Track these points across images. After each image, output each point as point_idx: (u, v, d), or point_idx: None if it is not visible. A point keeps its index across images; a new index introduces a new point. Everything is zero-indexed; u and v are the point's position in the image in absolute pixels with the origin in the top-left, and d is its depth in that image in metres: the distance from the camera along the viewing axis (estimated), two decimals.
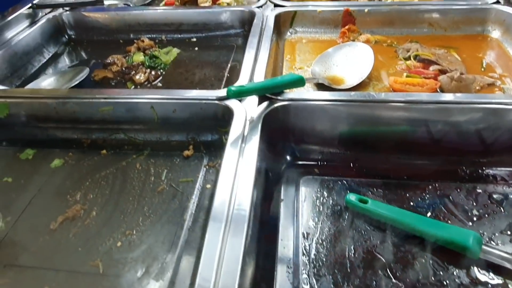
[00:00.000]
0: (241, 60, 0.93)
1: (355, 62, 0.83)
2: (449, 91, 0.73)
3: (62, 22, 1.07)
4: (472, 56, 0.87)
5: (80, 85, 0.85)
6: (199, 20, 1.04)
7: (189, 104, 0.69)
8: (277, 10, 0.98)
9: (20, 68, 0.94)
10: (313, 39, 0.99)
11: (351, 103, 0.65)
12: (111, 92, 0.73)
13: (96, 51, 1.04)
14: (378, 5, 1.00)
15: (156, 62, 0.92)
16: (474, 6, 0.95)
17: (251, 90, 0.62)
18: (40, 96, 0.74)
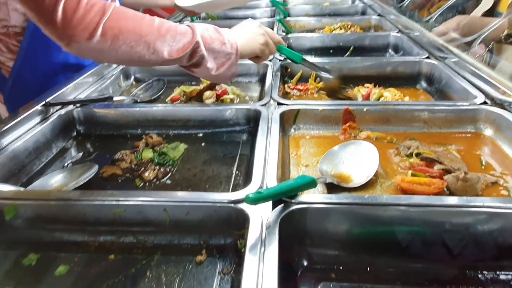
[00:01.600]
0: (248, 156, 0.96)
1: (360, 160, 0.86)
2: (456, 190, 0.75)
3: (73, 118, 1.10)
4: (470, 154, 0.92)
5: (89, 183, 0.86)
6: (206, 117, 1.09)
7: (203, 207, 0.69)
8: (281, 109, 1.04)
9: (27, 164, 0.95)
10: (316, 135, 1.04)
11: (366, 206, 0.65)
12: (123, 193, 0.73)
13: (104, 145, 1.07)
14: (375, 104, 1.07)
15: (165, 159, 0.94)
16: (463, 107, 1.02)
17: (268, 196, 0.63)
18: (50, 198, 0.74)
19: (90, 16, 0.77)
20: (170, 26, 0.88)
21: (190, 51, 0.89)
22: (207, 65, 0.93)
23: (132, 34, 0.82)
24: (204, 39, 0.91)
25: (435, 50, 1.41)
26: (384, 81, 1.36)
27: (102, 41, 0.79)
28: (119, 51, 0.82)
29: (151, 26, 0.85)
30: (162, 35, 0.85)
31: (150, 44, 0.84)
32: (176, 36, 0.87)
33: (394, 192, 0.79)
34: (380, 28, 2.02)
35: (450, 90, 1.21)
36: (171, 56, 0.88)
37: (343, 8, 2.53)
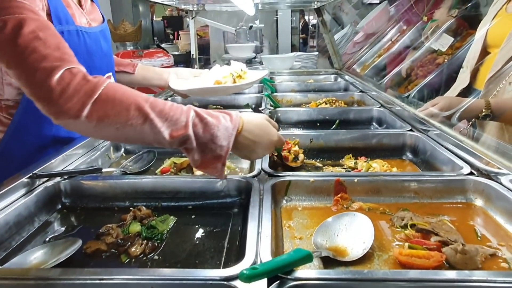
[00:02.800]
0: (240, 228, 0.93)
1: (356, 232, 0.84)
2: (456, 263, 0.73)
3: (59, 190, 1.07)
4: (463, 225, 0.91)
5: (71, 259, 0.80)
6: (196, 188, 1.07)
7: (193, 285, 0.64)
8: (272, 180, 1.04)
9: (6, 240, 0.89)
10: (308, 207, 1.02)
11: (367, 282, 0.62)
12: (107, 271, 0.68)
13: (89, 218, 1.02)
14: (365, 175, 1.09)
15: (153, 233, 0.90)
16: (450, 177, 1.04)
17: (265, 273, 0.59)
18: (27, 277, 0.68)
19: (78, 96, 0.78)
20: (161, 111, 0.82)
21: (178, 141, 0.83)
22: (194, 157, 0.86)
23: (118, 118, 0.80)
24: (196, 133, 0.84)
25: (417, 123, 1.48)
26: (370, 152, 1.40)
27: (87, 121, 0.79)
28: (104, 131, 0.82)
29: (140, 110, 0.81)
30: (150, 121, 0.81)
31: (137, 128, 0.80)
32: (165, 123, 0.82)
33: (393, 266, 0.77)
34: (363, 103, 2.13)
35: (436, 161, 1.24)
36: (158, 141, 0.83)
37: (326, 84, 2.68)
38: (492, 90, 1.48)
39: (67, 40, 1.16)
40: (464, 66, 1.74)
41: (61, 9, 1.16)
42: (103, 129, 0.81)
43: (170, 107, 0.85)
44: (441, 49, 2.06)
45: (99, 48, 1.33)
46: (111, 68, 1.43)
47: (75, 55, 1.16)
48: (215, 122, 0.86)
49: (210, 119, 0.86)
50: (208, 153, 0.86)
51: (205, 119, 0.86)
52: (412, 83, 2.18)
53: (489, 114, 1.37)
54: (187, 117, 0.84)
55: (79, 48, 1.21)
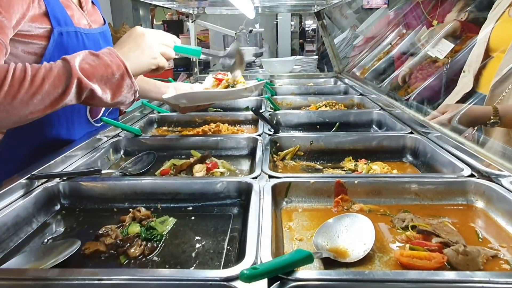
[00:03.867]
0: (240, 230, 0.93)
1: (356, 234, 0.84)
2: (457, 264, 0.73)
3: (58, 191, 1.07)
4: (464, 226, 0.91)
5: (69, 260, 0.80)
6: (196, 190, 1.07)
7: (193, 285, 0.64)
8: (273, 182, 1.03)
9: (4, 241, 0.88)
10: (308, 208, 1.02)
11: (368, 283, 0.62)
12: (106, 272, 0.68)
13: (88, 220, 1.01)
14: (366, 177, 1.08)
15: (152, 234, 0.89)
16: (451, 179, 1.04)
17: (265, 273, 0.59)
18: (25, 277, 0.67)
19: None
20: (45, 75, 0.86)
21: (74, 90, 0.87)
22: (100, 95, 0.90)
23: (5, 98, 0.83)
24: (85, 70, 0.88)
25: (417, 126, 1.48)
26: (371, 155, 1.39)
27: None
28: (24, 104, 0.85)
29: (23, 82, 0.84)
30: (36, 88, 0.85)
31: (28, 103, 0.85)
32: (54, 82, 0.86)
33: (394, 267, 0.76)
34: (363, 106, 2.13)
35: (436, 163, 1.24)
36: (58, 103, 0.87)
37: (326, 87, 2.69)
38: (497, 95, 1.47)
39: (65, 41, 1.17)
40: (466, 70, 1.74)
41: (59, 10, 1.16)
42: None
43: (48, 68, 0.89)
44: (438, 56, 2.04)
45: (99, 50, 1.32)
46: None
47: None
48: (92, 54, 0.94)
49: (86, 53, 0.94)
50: (110, 79, 0.91)
51: (84, 56, 0.93)
52: (412, 86, 2.17)
53: (498, 121, 1.36)
54: (69, 62, 0.89)
55: (78, 49, 1.21)
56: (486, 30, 1.66)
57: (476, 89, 1.65)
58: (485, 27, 1.69)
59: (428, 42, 2.24)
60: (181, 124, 1.86)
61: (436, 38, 2.18)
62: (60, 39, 1.14)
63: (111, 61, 0.93)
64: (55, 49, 1.14)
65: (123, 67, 0.93)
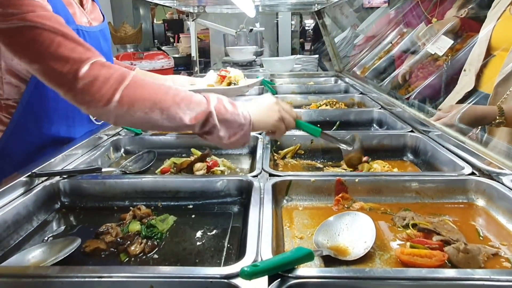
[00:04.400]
0: (241, 228, 0.93)
1: (357, 232, 0.84)
2: (458, 262, 0.73)
3: (58, 189, 1.07)
4: (465, 224, 0.90)
5: (69, 258, 0.80)
6: (196, 188, 1.07)
7: (193, 283, 0.64)
8: (273, 180, 1.03)
9: (4, 239, 0.88)
10: (309, 207, 1.02)
11: (369, 280, 0.62)
12: (106, 269, 0.68)
13: (89, 218, 1.02)
14: (367, 175, 1.08)
15: (153, 232, 0.89)
16: (452, 177, 1.03)
17: (266, 270, 0.59)
18: (25, 275, 0.67)
19: (109, 84, 0.83)
20: (185, 95, 0.91)
21: (202, 120, 0.91)
22: (219, 134, 0.93)
23: (147, 101, 0.86)
24: (218, 110, 0.93)
25: (418, 125, 1.47)
26: (371, 153, 1.39)
27: (118, 107, 0.84)
28: (134, 116, 0.86)
29: (166, 94, 0.88)
30: (177, 103, 0.88)
31: (164, 111, 0.87)
32: (190, 105, 0.90)
33: (394, 265, 0.76)
34: (363, 104, 2.12)
35: (437, 161, 1.24)
36: (184, 123, 0.90)
37: (326, 86, 2.68)
38: (501, 94, 1.46)
39: None
40: (467, 69, 1.73)
41: (61, 8, 1.16)
42: (133, 115, 0.85)
43: (190, 93, 0.93)
44: (438, 53, 2.03)
45: (99, 47, 1.32)
46: None
47: None
48: (229, 101, 0.97)
49: (225, 99, 0.97)
50: (233, 125, 0.94)
51: (222, 98, 0.96)
52: (413, 85, 2.17)
53: (503, 121, 1.36)
54: (207, 98, 0.93)
55: None
56: (487, 29, 1.65)
57: (477, 88, 1.65)
58: (486, 25, 1.68)
59: (427, 40, 2.22)
60: None
61: (435, 34, 2.17)
62: None
63: (242, 113, 0.97)
64: None
65: (248, 120, 0.97)
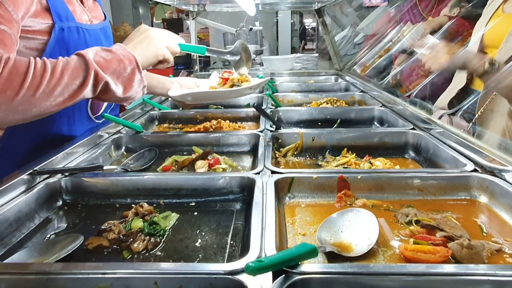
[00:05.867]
0: (243, 225, 0.93)
1: (360, 228, 0.84)
2: (462, 258, 0.72)
3: (60, 187, 1.06)
4: (468, 221, 0.90)
5: (72, 255, 0.79)
6: (198, 185, 1.06)
7: (197, 279, 0.63)
8: (275, 177, 1.03)
9: (6, 236, 0.88)
10: (311, 204, 1.02)
11: (373, 276, 0.62)
12: (109, 265, 0.67)
13: (91, 215, 1.01)
14: (369, 172, 1.08)
15: (155, 229, 0.89)
16: (454, 174, 1.03)
17: (270, 265, 0.59)
18: (28, 271, 0.67)
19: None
20: (63, 68, 0.90)
21: (91, 81, 0.91)
22: (113, 89, 0.93)
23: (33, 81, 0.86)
24: (100, 64, 0.92)
25: (419, 122, 1.47)
26: (373, 151, 1.39)
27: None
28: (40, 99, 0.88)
29: (44, 74, 0.88)
30: (57, 80, 0.88)
31: (50, 95, 0.88)
32: (72, 73, 0.90)
33: (398, 261, 0.76)
34: (364, 103, 2.12)
35: (439, 159, 1.23)
36: (73, 99, 0.91)
37: (327, 85, 2.68)
38: (491, 91, 1.47)
39: (67, 37, 1.16)
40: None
41: (60, 5, 1.15)
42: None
43: (65, 61, 0.93)
44: (424, 52, 2.01)
45: (100, 45, 1.32)
46: None
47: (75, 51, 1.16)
48: (105, 50, 0.98)
49: (99, 49, 0.98)
50: (122, 73, 0.96)
51: (97, 51, 0.97)
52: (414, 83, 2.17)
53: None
54: (84, 56, 0.93)
55: (79, 45, 1.21)
56: (480, 26, 1.65)
57: (471, 86, 1.65)
58: (480, 23, 1.68)
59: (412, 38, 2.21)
60: (182, 121, 1.86)
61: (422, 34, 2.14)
62: (61, 35, 1.14)
63: (123, 56, 0.97)
64: (56, 44, 1.13)
65: (134, 62, 0.98)
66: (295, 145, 1.42)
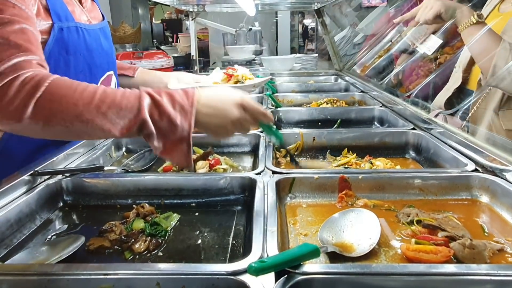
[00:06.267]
0: (245, 225, 0.93)
1: (362, 228, 0.84)
2: (464, 258, 0.72)
3: (60, 188, 1.06)
4: (469, 221, 0.90)
5: (73, 256, 0.79)
6: (199, 186, 1.06)
7: (200, 279, 0.63)
8: (276, 177, 1.03)
9: (7, 237, 0.88)
10: (312, 204, 1.02)
11: (376, 276, 0.62)
12: (111, 266, 0.67)
13: (92, 216, 1.01)
14: (370, 172, 1.08)
15: (157, 229, 0.89)
16: (455, 174, 1.03)
17: (273, 265, 0.59)
18: (30, 272, 0.67)
19: (20, 96, 0.75)
20: (113, 102, 0.78)
21: (135, 129, 0.79)
22: (155, 144, 0.81)
23: (66, 114, 0.76)
24: (152, 117, 0.79)
25: (420, 122, 1.47)
26: (373, 151, 1.39)
27: (33, 123, 0.75)
28: (53, 130, 0.78)
29: (89, 104, 0.77)
30: (103, 113, 0.77)
31: (88, 123, 0.76)
32: (120, 112, 0.78)
33: (400, 261, 0.76)
34: (364, 103, 2.13)
35: (439, 159, 1.24)
36: (114, 134, 0.79)
37: (327, 85, 2.68)
38: (484, 89, 1.48)
39: (66, 37, 1.16)
40: (457, 66, 1.74)
41: (60, 5, 1.15)
42: (51, 129, 0.78)
43: (122, 95, 0.80)
44: (427, 52, 2.02)
45: (99, 45, 1.32)
46: (112, 66, 1.42)
47: (75, 52, 1.13)
48: (170, 102, 0.81)
49: (165, 100, 0.81)
50: (169, 136, 0.81)
51: (160, 101, 0.81)
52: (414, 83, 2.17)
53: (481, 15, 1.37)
54: (141, 103, 0.79)
55: (79, 45, 1.21)
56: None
57: (466, 86, 1.66)
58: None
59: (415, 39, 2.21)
60: None
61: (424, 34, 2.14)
62: (61, 35, 1.14)
63: (181, 122, 0.81)
64: (55, 44, 1.13)
65: (186, 135, 0.82)
66: (295, 145, 1.42)
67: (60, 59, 1.14)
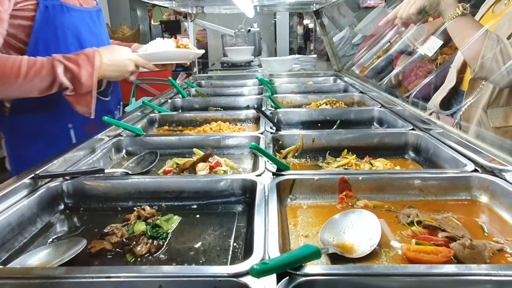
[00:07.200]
0: (246, 227, 0.93)
1: (362, 230, 0.84)
2: (464, 258, 0.73)
3: (61, 191, 1.06)
4: (469, 221, 0.91)
5: (75, 259, 0.79)
6: (200, 188, 1.07)
7: (202, 282, 0.64)
8: (277, 179, 1.03)
9: (8, 241, 0.88)
10: (313, 205, 1.02)
11: (378, 277, 0.62)
12: (114, 269, 0.68)
13: (93, 219, 1.01)
14: (370, 173, 1.08)
15: (158, 232, 0.89)
16: (455, 174, 1.04)
17: (275, 267, 0.59)
18: (32, 276, 0.67)
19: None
20: (36, 72, 1.19)
21: (56, 88, 1.24)
22: (67, 93, 1.30)
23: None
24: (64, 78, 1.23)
25: (419, 123, 1.48)
26: (373, 151, 1.40)
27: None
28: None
29: (17, 77, 1.17)
30: (30, 81, 1.19)
31: (20, 92, 1.21)
32: (42, 79, 1.20)
33: (400, 262, 0.76)
34: (363, 103, 2.13)
35: (439, 159, 1.24)
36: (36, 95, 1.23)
37: (326, 86, 2.69)
38: (475, 88, 1.49)
39: (52, 13, 1.27)
40: (452, 66, 1.75)
41: None
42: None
43: (41, 65, 1.21)
44: (427, 53, 2.02)
45: (86, 26, 1.41)
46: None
47: (62, 27, 1.30)
48: (77, 67, 1.26)
49: (74, 66, 1.26)
50: (78, 91, 1.29)
51: (70, 67, 1.25)
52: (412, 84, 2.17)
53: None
54: (56, 70, 1.22)
55: (65, 20, 1.32)
56: None
57: (460, 87, 1.67)
58: None
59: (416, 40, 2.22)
60: (182, 123, 1.86)
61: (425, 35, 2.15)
62: (46, 13, 1.25)
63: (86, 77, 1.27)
64: (43, 23, 1.25)
65: (90, 89, 1.31)
66: (295, 146, 1.43)
67: (49, 33, 1.32)
